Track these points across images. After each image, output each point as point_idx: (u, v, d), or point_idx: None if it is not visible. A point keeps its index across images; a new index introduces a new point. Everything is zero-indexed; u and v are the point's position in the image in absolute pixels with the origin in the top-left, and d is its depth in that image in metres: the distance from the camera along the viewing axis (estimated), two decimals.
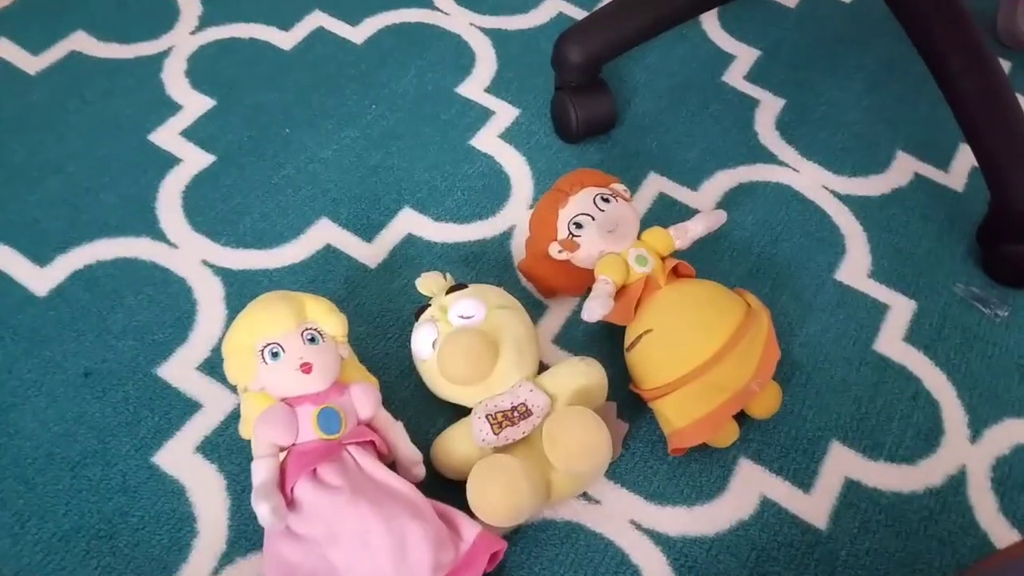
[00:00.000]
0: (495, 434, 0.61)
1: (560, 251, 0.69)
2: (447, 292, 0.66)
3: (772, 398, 0.68)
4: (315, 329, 0.61)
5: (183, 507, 0.62)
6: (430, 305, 0.66)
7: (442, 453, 0.63)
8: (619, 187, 0.72)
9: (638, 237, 0.70)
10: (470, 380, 0.63)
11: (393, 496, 0.57)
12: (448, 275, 0.69)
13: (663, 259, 0.69)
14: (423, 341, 0.65)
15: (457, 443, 0.63)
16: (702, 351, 0.63)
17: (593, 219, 0.68)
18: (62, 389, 0.66)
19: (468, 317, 0.64)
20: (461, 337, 0.62)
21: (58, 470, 0.63)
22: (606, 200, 0.70)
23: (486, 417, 0.62)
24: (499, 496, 0.58)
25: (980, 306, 0.78)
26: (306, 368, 0.59)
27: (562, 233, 0.69)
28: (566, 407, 0.62)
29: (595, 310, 0.65)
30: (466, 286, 0.67)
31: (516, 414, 0.62)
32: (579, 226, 0.69)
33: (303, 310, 0.61)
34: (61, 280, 0.72)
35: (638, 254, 0.68)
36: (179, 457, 0.64)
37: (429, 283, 0.68)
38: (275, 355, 0.59)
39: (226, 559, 0.60)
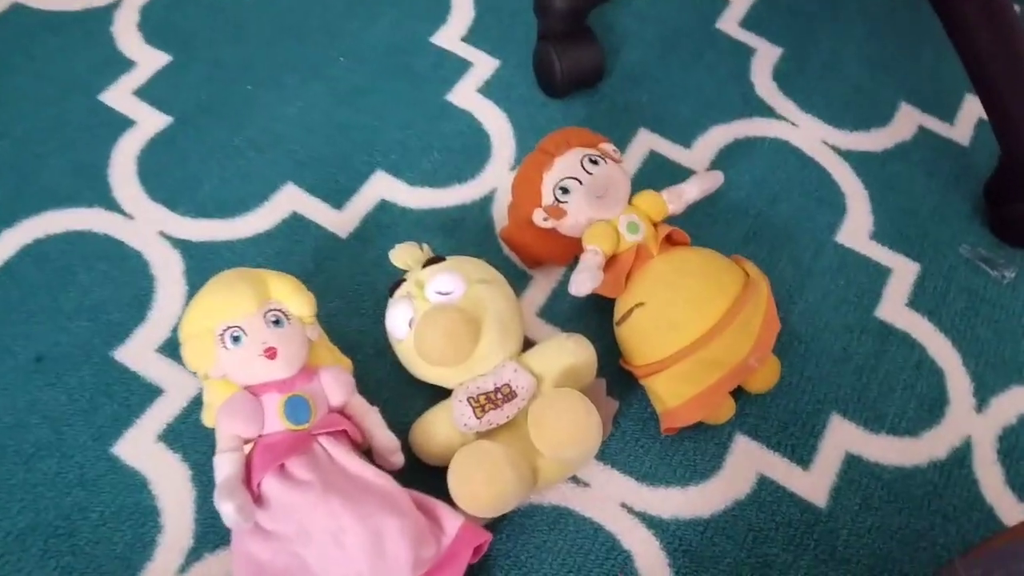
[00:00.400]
0: (477, 418, 0.56)
1: (545, 218, 0.63)
2: (424, 265, 0.61)
3: (771, 372, 0.63)
4: (280, 310, 0.55)
5: (146, 500, 0.57)
6: (405, 280, 0.61)
7: (422, 439, 0.59)
8: (608, 147, 0.66)
9: (629, 202, 0.64)
10: (449, 361, 0.58)
11: (368, 490, 0.52)
12: (425, 246, 0.63)
13: (656, 225, 0.64)
14: (398, 320, 0.60)
15: (437, 428, 0.59)
16: (697, 326, 0.59)
17: (581, 183, 0.63)
18: (12, 376, 0.61)
19: (446, 293, 0.59)
20: (439, 315, 0.57)
21: (11, 464, 0.58)
22: (594, 162, 0.64)
23: (468, 400, 0.57)
24: (482, 485, 0.54)
25: (987, 268, 0.73)
26: (270, 353, 0.53)
27: (547, 199, 0.63)
28: (553, 389, 0.57)
29: (583, 283, 0.60)
30: (444, 259, 0.62)
31: (500, 396, 0.57)
32: (565, 191, 0.63)
33: (266, 289, 0.56)
34: (9, 256, 0.66)
35: (629, 221, 0.62)
36: (140, 447, 0.59)
37: (404, 255, 0.63)
38: (236, 339, 0.54)
39: (194, 555, 0.56)
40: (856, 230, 0.75)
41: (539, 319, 0.67)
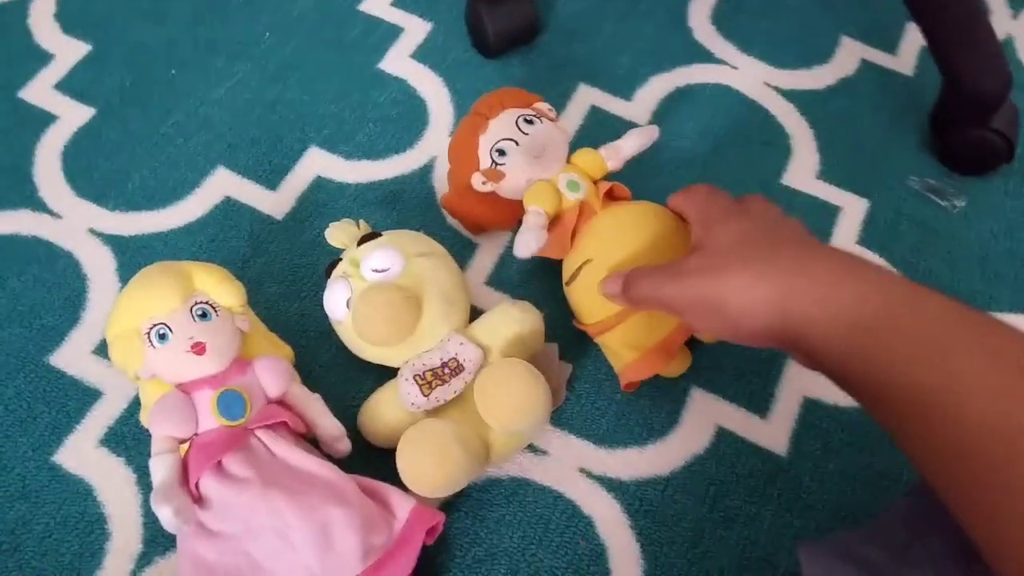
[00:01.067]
0: (424, 395, 0.52)
1: (484, 182, 0.58)
2: (359, 243, 0.56)
3: None
4: (206, 302, 0.50)
5: (92, 508, 0.53)
6: (341, 259, 0.56)
7: (369, 421, 0.55)
8: (543, 106, 0.61)
9: (567, 160, 0.59)
10: (390, 340, 0.53)
11: (311, 482, 0.48)
12: (361, 222, 0.58)
13: (596, 183, 0.59)
14: (336, 301, 0.55)
15: (384, 408, 0.54)
16: None
17: (517, 144, 0.58)
18: None
19: (383, 270, 0.54)
20: (376, 294, 0.53)
21: None
22: (530, 122, 0.59)
23: (414, 378, 0.53)
24: (431, 466, 0.50)
25: (936, 198, 0.69)
26: (198, 348, 0.49)
27: (484, 162, 0.58)
28: (499, 360, 0.53)
29: (527, 244, 0.55)
30: (380, 234, 0.57)
31: (447, 371, 0.53)
32: (502, 153, 0.58)
33: (190, 282, 0.51)
34: None
35: (569, 179, 0.58)
36: (82, 453, 0.55)
37: (339, 234, 0.58)
38: (162, 337, 0.49)
39: (144, 560, 0.52)
40: (802, 171, 0.70)
41: (487, 287, 0.62)
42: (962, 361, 0.35)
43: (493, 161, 0.58)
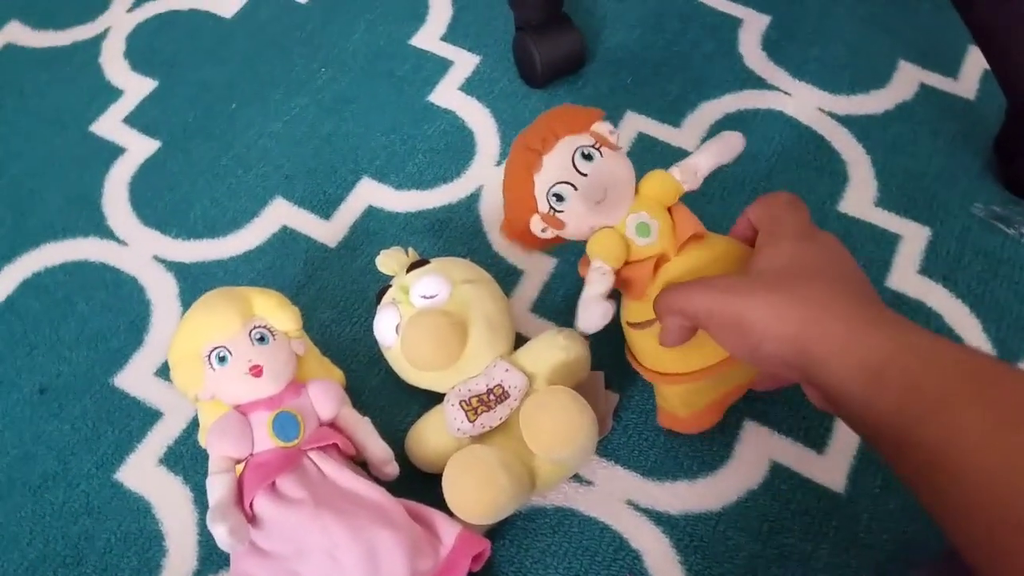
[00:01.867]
0: (470, 422, 0.54)
1: (544, 229, 0.53)
2: (408, 269, 0.59)
3: None
4: (264, 327, 0.54)
5: (150, 525, 0.57)
6: (391, 286, 0.59)
7: (415, 446, 0.57)
8: (603, 129, 0.53)
9: (636, 191, 0.54)
10: (437, 365, 0.55)
11: (360, 504, 0.51)
12: (411, 250, 0.61)
13: (671, 209, 0.53)
14: (385, 326, 0.58)
15: (430, 433, 0.57)
16: (711, 355, 0.52)
17: (575, 188, 0.51)
18: (18, 409, 0.61)
19: (431, 296, 0.57)
20: (423, 320, 0.55)
21: (20, 496, 0.58)
22: (588, 157, 0.51)
23: (460, 404, 0.55)
24: (476, 492, 0.51)
25: (1002, 226, 0.68)
26: (256, 371, 0.52)
27: (543, 206, 0.53)
28: (545, 387, 0.55)
29: (592, 319, 0.50)
30: (428, 261, 0.60)
31: (492, 397, 0.55)
32: (560, 198, 0.52)
33: (249, 307, 0.54)
34: (10, 292, 0.66)
35: (639, 222, 0.51)
36: (142, 472, 0.58)
37: (389, 261, 0.61)
38: (222, 360, 0.52)
39: None
40: (860, 198, 0.70)
41: (532, 314, 0.64)
42: (965, 415, 0.35)
43: (551, 207, 0.52)
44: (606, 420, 0.59)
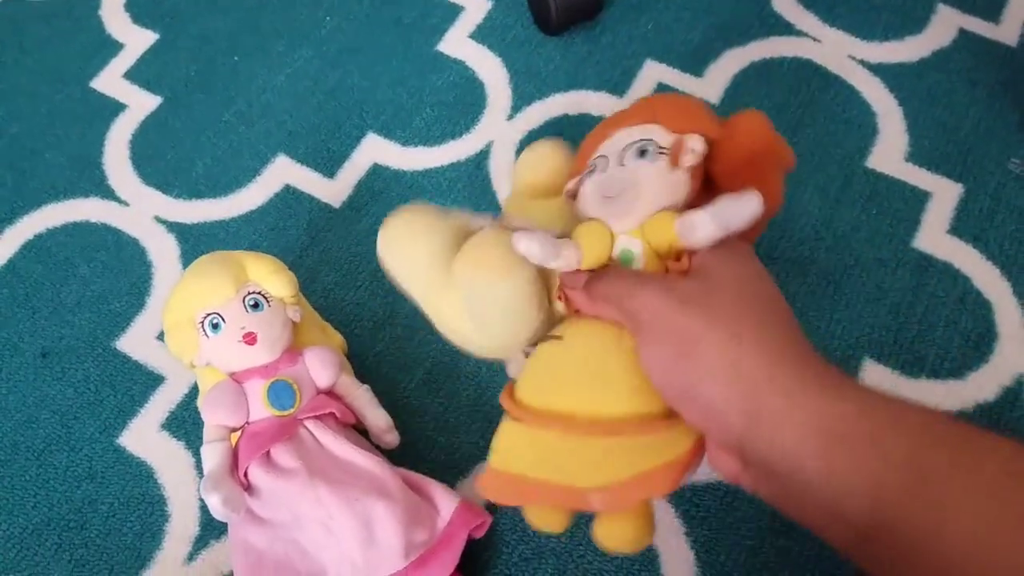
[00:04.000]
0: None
1: (570, 190, 0.46)
2: None
3: (636, 530, 0.41)
4: (258, 293, 0.51)
5: (153, 490, 0.55)
6: None
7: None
8: (694, 141, 0.41)
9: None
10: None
11: (356, 474, 0.48)
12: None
13: (666, 258, 0.42)
14: None
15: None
16: (591, 405, 0.41)
17: (603, 171, 0.44)
18: (20, 373, 0.59)
19: None
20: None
21: (24, 460, 0.57)
22: (641, 153, 0.42)
23: None
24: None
25: None
26: (249, 339, 0.50)
27: (590, 165, 0.45)
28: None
29: (526, 243, 0.41)
30: None
31: None
32: (592, 170, 0.44)
33: (243, 272, 0.52)
34: (12, 254, 0.64)
35: (624, 248, 0.42)
36: (145, 436, 0.57)
37: None
38: (215, 327, 0.50)
39: (200, 543, 0.53)
40: (890, 152, 0.65)
41: None
42: (950, 491, 0.30)
43: (590, 170, 0.45)
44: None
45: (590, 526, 0.51)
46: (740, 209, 0.39)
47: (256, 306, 0.51)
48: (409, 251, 0.46)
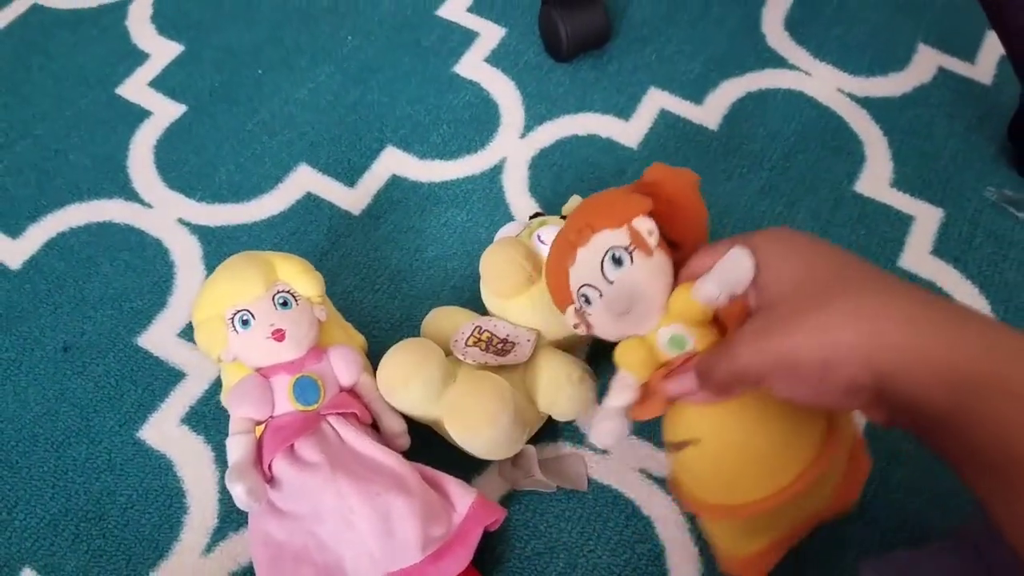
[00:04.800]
0: (465, 344, 0.52)
1: (576, 324, 0.45)
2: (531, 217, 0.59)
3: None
4: (287, 291, 0.51)
5: (171, 482, 0.54)
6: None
7: (431, 319, 0.57)
8: (642, 227, 0.42)
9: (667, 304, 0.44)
10: (496, 288, 0.53)
11: (376, 469, 0.48)
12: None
13: (703, 323, 0.42)
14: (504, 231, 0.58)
15: (443, 323, 0.56)
16: (765, 485, 0.43)
17: (600, 295, 0.43)
18: (42, 366, 0.58)
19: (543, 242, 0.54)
20: (503, 245, 0.53)
21: (43, 451, 0.55)
22: (618, 262, 0.42)
23: (476, 328, 0.53)
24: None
25: (1013, 210, 0.65)
26: (278, 335, 0.49)
27: (577, 299, 0.45)
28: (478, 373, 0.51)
29: (601, 435, 0.43)
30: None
31: (495, 346, 0.52)
32: (587, 301, 0.44)
33: (273, 271, 0.51)
34: (35, 251, 0.63)
35: (672, 335, 0.42)
36: (165, 430, 0.56)
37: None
38: (245, 323, 0.49)
39: (218, 535, 0.52)
40: (876, 178, 0.67)
41: None
42: None
43: (581, 306, 0.44)
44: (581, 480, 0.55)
45: (598, 521, 0.52)
46: (739, 272, 0.39)
47: (285, 304, 0.50)
48: (403, 395, 0.51)
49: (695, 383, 0.40)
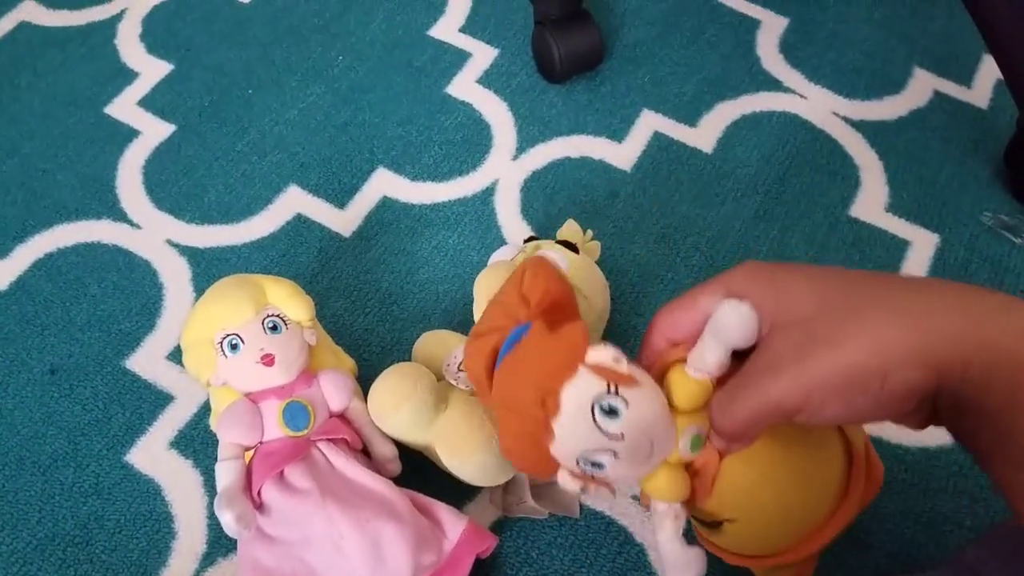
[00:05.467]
0: (459, 370, 0.54)
1: (583, 488, 0.39)
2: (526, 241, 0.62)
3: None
4: (277, 315, 0.53)
5: (160, 507, 0.56)
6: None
7: (422, 343, 0.59)
8: (601, 357, 0.37)
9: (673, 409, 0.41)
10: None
11: (366, 496, 0.50)
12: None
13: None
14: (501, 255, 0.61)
15: (435, 347, 0.58)
16: (803, 528, 0.43)
17: (616, 455, 0.37)
18: (28, 389, 0.60)
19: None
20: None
21: (29, 475, 0.57)
22: (613, 412, 0.36)
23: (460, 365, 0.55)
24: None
25: (1010, 235, 0.68)
26: (267, 360, 0.51)
27: (572, 467, 0.39)
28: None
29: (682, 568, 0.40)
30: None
31: None
32: (600, 466, 0.38)
33: (263, 295, 0.54)
34: (22, 272, 0.65)
35: (693, 436, 0.40)
36: (153, 454, 0.58)
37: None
38: (234, 347, 0.52)
39: (207, 560, 0.54)
40: (871, 203, 0.70)
41: None
42: None
43: (586, 471, 0.39)
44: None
45: (591, 548, 0.54)
46: (727, 329, 0.36)
47: (275, 328, 0.53)
48: (394, 420, 0.52)
49: (723, 441, 0.38)
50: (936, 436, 0.59)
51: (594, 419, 0.36)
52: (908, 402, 0.33)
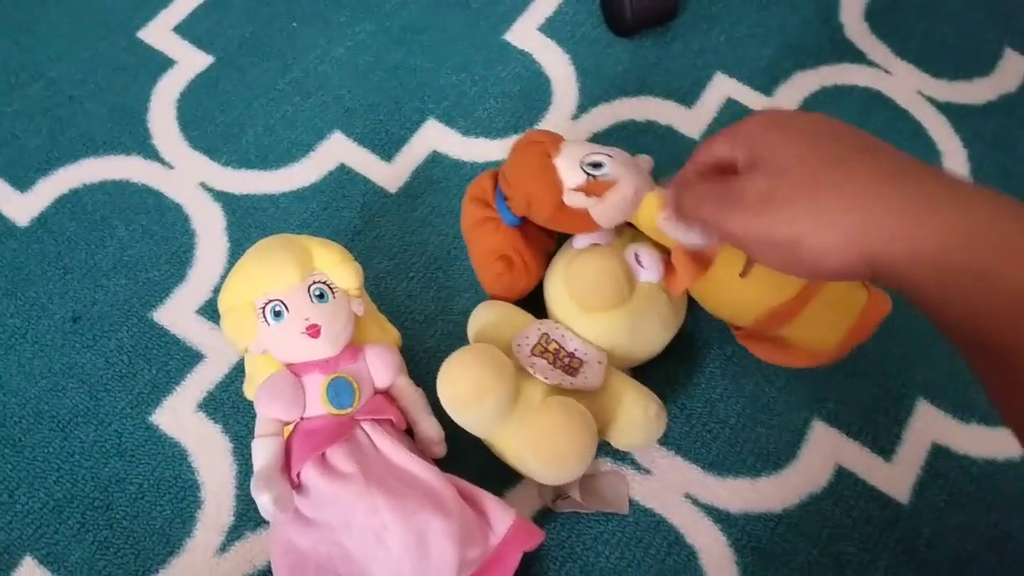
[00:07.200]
0: (531, 353, 0.48)
1: (588, 195, 0.48)
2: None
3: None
4: (324, 283, 0.46)
5: (185, 473, 0.50)
6: None
7: (482, 317, 0.52)
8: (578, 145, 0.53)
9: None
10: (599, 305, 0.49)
11: (413, 485, 0.44)
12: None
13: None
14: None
15: (502, 327, 0.50)
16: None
17: (612, 156, 0.49)
18: (49, 336, 0.54)
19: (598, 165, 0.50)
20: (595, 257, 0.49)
21: (47, 431, 0.51)
22: (597, 165, 0.49)
23: (543, 335, 0.49)
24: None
25: None
26: (313, 331, 0.45)
27: (575, 179, 0.49)
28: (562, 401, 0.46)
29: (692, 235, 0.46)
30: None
31: (563, 361, 0.48)
32: (597, 164, 0.49)
33: (310, 260, 0.47)
34: (44, 207, 0.58)
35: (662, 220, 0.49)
36: (180, 416, 0.52)
37: None
38: (277, 315, 0.45)
39: (234, 533, 0.49)
40: None
41: None
42: None
43: (589, 175, 0.48)
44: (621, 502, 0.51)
45: (639, 547, 0.49)
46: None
47: (321, 296, 0.46)
48: (474, 412, 0.46)
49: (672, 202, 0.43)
50: (1005, 447, 0.54)
51: (582, 164, 0.49)
52: (843, 277, 0.36)
